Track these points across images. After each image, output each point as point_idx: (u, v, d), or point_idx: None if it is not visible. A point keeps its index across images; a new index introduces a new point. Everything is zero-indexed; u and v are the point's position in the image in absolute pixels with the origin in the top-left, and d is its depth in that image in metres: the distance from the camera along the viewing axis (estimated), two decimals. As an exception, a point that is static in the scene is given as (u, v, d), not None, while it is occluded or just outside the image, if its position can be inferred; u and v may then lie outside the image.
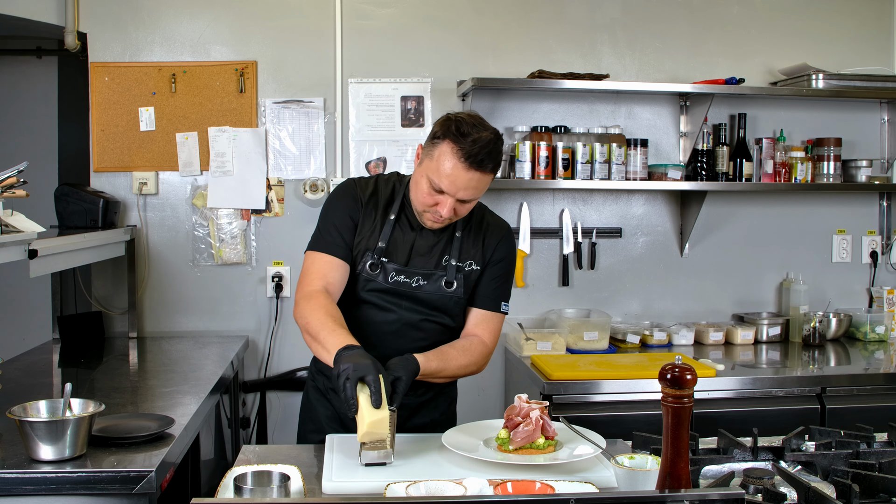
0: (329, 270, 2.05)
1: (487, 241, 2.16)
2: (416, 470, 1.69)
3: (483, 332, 2.15)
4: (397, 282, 2.08)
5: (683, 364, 1.43)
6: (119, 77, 3.40)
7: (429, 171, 1.97)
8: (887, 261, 3.83)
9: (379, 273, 2.08)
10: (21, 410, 1.78)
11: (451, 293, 2.10)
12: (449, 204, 1.97)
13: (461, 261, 2.12)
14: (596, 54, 3.62)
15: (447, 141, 1.93)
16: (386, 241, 2.08)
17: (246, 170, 3.44)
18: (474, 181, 1.95)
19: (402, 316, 2.09)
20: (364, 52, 3.50)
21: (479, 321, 2.16)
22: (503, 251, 2.18)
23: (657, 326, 3.48)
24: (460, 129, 1.92)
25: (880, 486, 1.57)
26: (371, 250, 2.08)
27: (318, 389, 2.23)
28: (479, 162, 1.92)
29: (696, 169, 3.56)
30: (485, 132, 1.94)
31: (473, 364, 2.11)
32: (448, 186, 1.95)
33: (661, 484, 1.43)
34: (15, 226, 2.20)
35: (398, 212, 2.12)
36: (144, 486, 1.73)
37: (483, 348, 2.14)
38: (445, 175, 1.94)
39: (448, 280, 2.10)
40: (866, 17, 3.78)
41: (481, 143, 1.92)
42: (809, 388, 2.94)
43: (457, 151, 1.92)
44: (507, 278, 2.20)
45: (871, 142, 3.78)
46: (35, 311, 3.97)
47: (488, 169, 1.96)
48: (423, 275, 2.09)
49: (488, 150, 1.93)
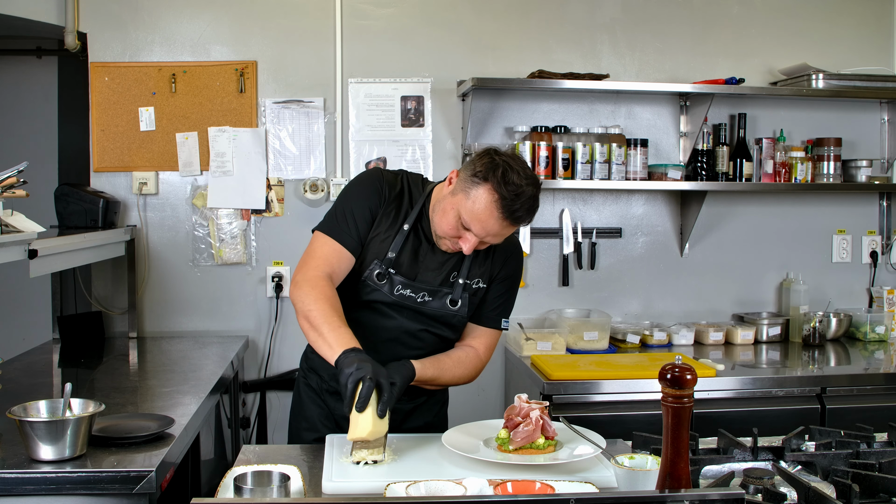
0: (337, 260, 1.98)
1: (496, 258, 2.11)
2: (416, 470, 1.69)
3: (480, 346, 2.13)
4: (402, 295, 2.03)
5: (683, 364, 1.43)
6: (119, 77, 3.40)
7: (462, 207, 1.89)
8: (887, 261, 3.83)
9: (385, 284, 2.02)
10: (21, 410, 1.78)
11: (454, 311, 2.06)
12: (473, 242, 1.92)
13: (469, 278, 2.07)
14: (596, 54, 3.62)
15: (489, 186, 1.85)
16: (397, 251, 2.02)
17: (246, 170, 3.44)
18: (505, 231, 1.92)
19: (402, 324, 2.05)
20: (364, 52, 3.50)
21: (477, 334, 2.14)
22: (511, 268, 2.13)
23: (657, 326, 3.48)
24: (506, 178, 1.84)
25: (880, 486, 1.57)
26: (380, 259, 2.02)
27: (311, 387, 2.21)
28: (516, 217, 1.87)
29: (696, 169, 3.56)
30: (529, 187, 1.86)
31: (466, 376, 2.10)
32: (478, 230, 1.89)
33: (661, 484, 1.43)
34: (15, 226, 2.20)
35: (414, 221, 2.05)
36: (144, 486, 1.73)
37: (478, 362, 2.12)
38: (479, 220, 1.87)
39: (453, 299, 2.05)
40: (866, 17, 3.78)
41: (524, 199, 1.85)
42: (809, 388, 2.94)
43: (497, 201, 1.84)
44: (510, 295, 2.16)
45: (871, 142, 3.78)
46: (35, 311, 3.97)
47: (524, 223, 1.93)
48: (430, 291, 2.04)
49: (528, 206, 1.87)
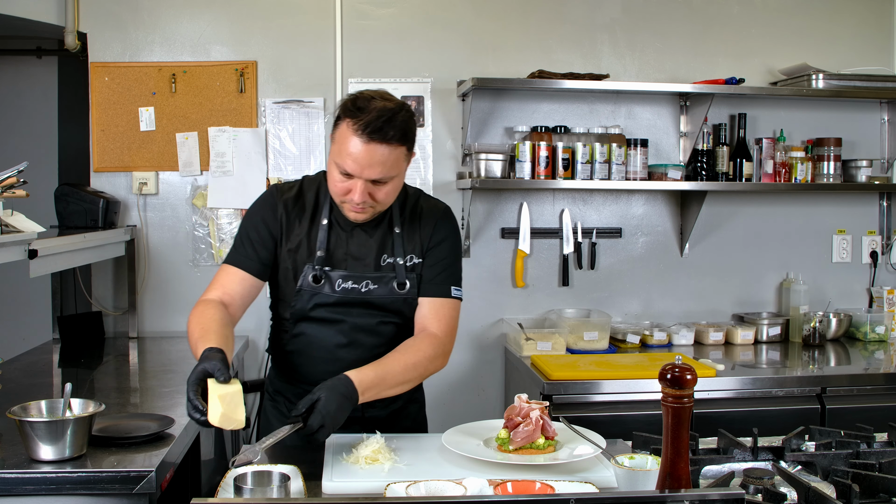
0: (231, 282, 1.95)
1: (423, 228, 2.01)
2: (416, 470, 1.69)
3: (432, 324, 1.98)
4: (345, 289, 1.95)
5: (683, 364, 1.43)
6: (119, 77, 3.40)
7: (334, 155, 1.85)
8: (887, 261, 3.83)
9: (324, 284, 1.94)
10: (21, 410, 1.78)
11: (404, 294, 1.98)
12: (360, 187, 1.83)
13: (403, 256, 1.98)
14: (596, 54, 3.62)
15: (345, 119, 1.81)
16: (324, 247, 1.95)
17: (246, 170, 3.44)
18: (379, 155, 1.80)
19: (355, 322, 1.97)
20: (364, 52, 3.50)
21: (426, 312, 2.00)
22: (442, 232, 2.03)
23: (657, 326, 3.48)
24: (356, 103, 1.80)
25: (880, 486, 1.57)
26: (311, 262, 1.95)
27: (281, 412, 2.13)
28: (379, 132, 1.78)
29: (696, 169, 3.56)
30: (382, 101, 1.81)
31: (425, 359, 1.93)
32: (353, 167, 1.81)
33: (661, 484, 1.43)
34: (15, 226, 2.21)
35: (329, 213, 1.98)
36: (144, 486, 1.73)
37: (432, 339, 1.96)
38: (348, 155, 1.80)
39: (400, 281, 1.97)
40: (866, 17, 3.78)
41: (379, 113, 1.78)
42: (809, 388, 2.94)
43: (352, 125, 1.79)
44: (452, 260, 2.04)
45: (871, 142, 3.78)
46: (35, 311, 3.97)
47: (394, 140, 1.80)
48: (372, 278, 1.96)
49: (387, 118, 1.78)
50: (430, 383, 3.55)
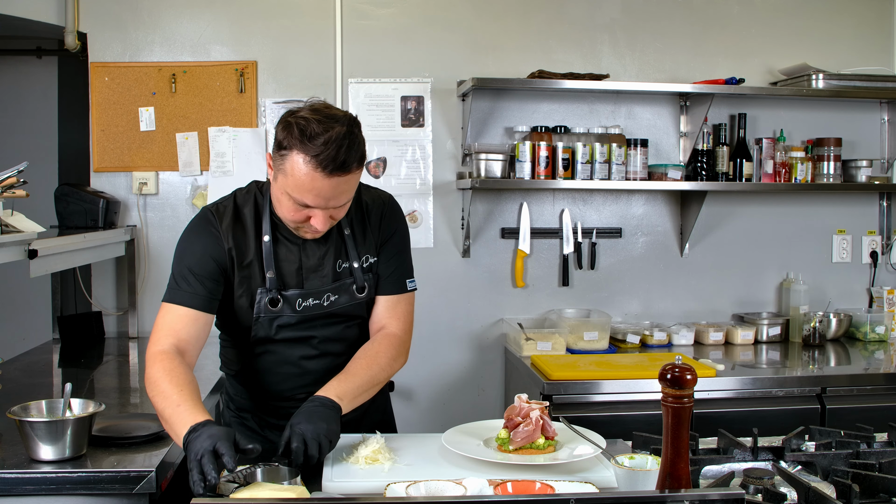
0: (181, 326, 1.79)
1: (372, 225, 1.94)
2: (416, 470, 1.69)
3: (391, 323, 1.95)
4: (307, 307, 1.87)
5: (683, 364, 1.43)
6: (119, 77, 3.40)
7: (287, 187, 1.71)
8: (887, 261, 3.82)
9: (283, 307, 1.85)
10: (21, 410, 1.78)
11: (364, 297, 1.93)
12: (321, 216, 1.75)
13: (359, 259, 1.92)
14: (596, 54, 3.62)
15: (295, 152, 1.68)
16: (272, 266, 1.84)
17: (246, 170, 3.43)
18: (343, 185, 1.71)
19: (322, 336, 1.91)
20: (364, 52, 3.50)
21: (384, 309, 1.96)
22: (392, 225, 1.97)
23: (657, 326, 3.48)
24: (305, 132, 1.66)
25: (880, 486, 1.56)
26: (262, 286, 1.84)
27: (248, 427, 2.04)
28: (342, 166, 1.68)
29: (696, 169, 3.56)
30: (335, 125, 1.68)
31: (389, 362, 1.89)
32: (314, 200, 1.71)
33: (661, 484, 1.43)
34: (15, 226, 2.21)
35: (271, 229, 1.86)
36: (144, 486, 1.73)
37: (392, 339, 1.92)
38: (308, 191, 1.69)
39: (359, 285, 1.91)
40: (866, 17, 3.78)
41: (335, 143, 1.66)
42: (809, 388, 2.94)
43: (310, 161, 1.66)
44: (403, 252, 1.99)
45: (871, 142, 3.78)
46: (35, 311, 3.97)
47: (354, 166, 1.71)
48: (333, 289, 1.88)
49: (346, 146, 1.67)
50: (430, 383, 3.58)
